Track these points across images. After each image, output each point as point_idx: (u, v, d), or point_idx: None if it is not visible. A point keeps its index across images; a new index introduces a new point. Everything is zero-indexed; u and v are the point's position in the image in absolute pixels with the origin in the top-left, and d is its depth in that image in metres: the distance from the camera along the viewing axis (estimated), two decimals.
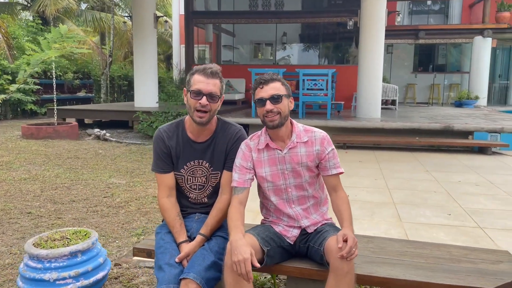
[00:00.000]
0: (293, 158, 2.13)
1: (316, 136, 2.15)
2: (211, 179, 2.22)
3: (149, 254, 2.31)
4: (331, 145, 2.17)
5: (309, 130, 2.18)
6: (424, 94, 16.78)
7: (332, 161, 2.14)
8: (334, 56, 16.25)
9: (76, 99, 14.59)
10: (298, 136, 2.14)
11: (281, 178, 2.15)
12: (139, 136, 8.98)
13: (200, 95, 2.04)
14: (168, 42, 21.18)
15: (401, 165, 6.55)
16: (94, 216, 3.99)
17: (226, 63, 16.07)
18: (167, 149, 2.19)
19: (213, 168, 2.21)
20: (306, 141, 2.14)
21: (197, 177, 2.22)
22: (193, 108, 2.07)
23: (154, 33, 10.38)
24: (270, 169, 2.15)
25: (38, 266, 2.34)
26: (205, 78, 2.05)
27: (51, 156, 6.79)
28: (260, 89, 2.07)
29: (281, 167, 2.14)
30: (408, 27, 15.47)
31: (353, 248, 1.85)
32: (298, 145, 2.13)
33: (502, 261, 2.23)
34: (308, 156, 2.13)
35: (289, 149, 2.13)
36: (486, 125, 8.13)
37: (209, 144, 2.20)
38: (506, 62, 16.35)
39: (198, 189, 2.24)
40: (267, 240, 2.04)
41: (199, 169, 2.21)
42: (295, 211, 2.17)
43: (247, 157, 2.15)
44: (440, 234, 3.57)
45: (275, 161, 2.14)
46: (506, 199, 4.67)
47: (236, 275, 1.83)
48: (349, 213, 2.08)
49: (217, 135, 2.21)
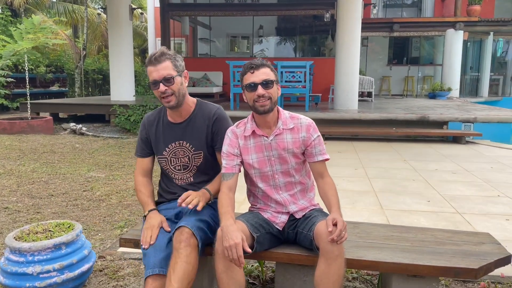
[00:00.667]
0: (279, 144, 2.14)
1: (302, 123, 2.17)
2: (195, 159, 2.25)
3: (136, 244, 2.27)
4: (317, 132, 2.18)
5: (295, 117, 2.19)
6: (398, 86, 17.06)
7: (318, 148, 2.15)
8: (311, 49, 16.33)
9: (49, 93, 14.21)
10: (284, 123, 2.15)
11: (267, 164, 2.16)
12: (116, 129, 8.83)
13: (157, 84, 2.08)
14: (143, 35, 20.85)
15: (379, 154, 6.65)
16: (75, 210, 3.91)
17: (203, 56, 15.94)
18: (147, 134, 2.29)
19: (194, 148, 2.24)
20: (292, 128, 2.15)
21: (179, 157, 2.26)
22: (159, 98, 2.13)
23: (130, 25, 10.20)
24: (256, 155, 2.16)
25: (20, 259, 2.28)
26: (154, 66, 2.08)
27: (26, 151, 6.60)
28: (250, 73, 2.05)
29: (268, 154, 2.15)
30: (383, 20, 15.66)
31: (343, 231, 1.87)
32: (284, 132, 2.14)
33: (484, 242, 2.29)
34: (294, 143, 2.14)
35: (275, 135, 2.14)
36: (460, 115, 8.33)
37: (187, 124, 2.25)
38: (477, 55, 16.76)
39: (183, 169, 2.27)
40: (256, 226, 2.04)
41: (181, 149, 2.25)
42: (283, 197, 2.18)
43: (234, 143, 2.16)
44: (421, 220, 3.65)
45: (262, 147, 2.15)
46: (481, 186, 4.81)
47: (227, 261, 1.83)
48: (337, 198, 2.10)
49: (195, 115, 2.26)
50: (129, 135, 8.35)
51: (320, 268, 1.92)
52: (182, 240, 1.90)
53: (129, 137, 8.18)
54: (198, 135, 2.23)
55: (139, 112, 8.62)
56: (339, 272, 1.90)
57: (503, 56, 17.86)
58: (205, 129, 2.23)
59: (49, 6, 17.05)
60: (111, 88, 10.34)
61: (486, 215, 3.78)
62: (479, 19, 14.45)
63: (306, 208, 2.21)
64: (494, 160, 6.28)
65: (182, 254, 1.88)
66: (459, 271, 2.00)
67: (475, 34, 15.52)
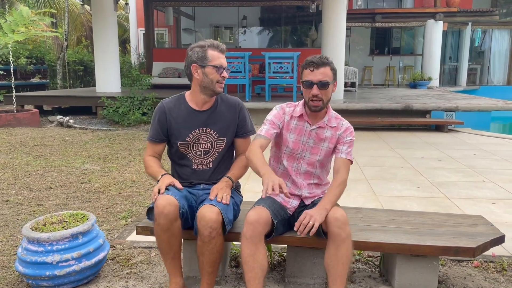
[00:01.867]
0: (318, 135, 2.28)
1: (343, 124, 2.31)
2: (217, 145, 2.37)
3: (152, 232, 2.36)
4: (352, 135, 2.31)
5: (339, 118, 2.34)
6: (380, 76, 17.33)
7: (345, 146, 2.27)
8: (295, 39, 16.41)
9: (30, 85, 13.96)
10: (330, 120, 2.30)
11: (300, 148, 2.30)
12: (104, 122, 8.80)
13: (222, 69, 2.24)
14: (123, 25, 20.56)
15: (367, 143, 6.84)
16: (76, 202, 3.96)
17: (186, 46, 15.75)
18: (167, 122, 2.34)
19: (219, 135, 2.35)
20: (334, 127, 2.30)
21: (202, 143, 2.36)
22: (215, 81, 2.26)
23: (115, 16, 10.10)
24: (294, 136, 2.30)
25: (39, 249, 2.35)
26: (222, 54, 2.27)
27: (16, 144, 6.56)
28: (310, 71, 2.17)
29: (304, 139, 2.30)
30: (365, 10, 15.85)
31: (307, 222, 1.99)
32: (326, 127, 2.29)
33: (478, 224, 2.47)
34: (331, 139, 2.29)
35: (318, 127, 2.28)
36: (442, 104, 8.60)
37: (213, 111, 2.36)
38: (456, 45, 17.14)
39: (204, 155, 2.37)
40: (275, 213, 2.16)
41: (204, 136, 2.35)
42: (299, 180, 2.32)
43: (279, 116, 2.29)
44: (413, 205, 3.83)
45: (302, 131, 2.29)
46: (466, 171, 5.04)
47: (253, 246, 1.97)
48: (333, 192, 2.17)
49: (219, 104, 2.38)
50: (117, 127, 8.34)
51: (330, 251, 2.06)
52: (209, 227, 2.03)
53: (117, 129, 8.17)
54: (224, 123, 2.35)
55: (127, 104, 8.61)
56: (347, 253, 2.04)
57: (480, 46, 18.31)
58: (230, 117, 2.37)
59: None
60: (96, 79, 10.24)
61: (474, 199, 3.99)
62: (458, 9, 14.78)
63: (316, 196, 2.34)
64: (476, 147, 6.54)
65: (211, 244, 2.07)
66: (458, 250, 2.16)
67: (454, 24, 15.87)
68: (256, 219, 2.01)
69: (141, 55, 16.18)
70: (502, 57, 17.79)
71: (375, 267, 2.69)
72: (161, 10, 14.89)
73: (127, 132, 7.83)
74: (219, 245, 2.09)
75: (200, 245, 2.09)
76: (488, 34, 17.76)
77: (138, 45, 17.26)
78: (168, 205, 2.05)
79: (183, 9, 15.63)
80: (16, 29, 6.76)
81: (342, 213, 2.05)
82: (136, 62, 15.72)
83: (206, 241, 2.06)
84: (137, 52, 16.62)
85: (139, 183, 4.58)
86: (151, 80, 9.65)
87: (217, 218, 2.05)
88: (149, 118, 8.54)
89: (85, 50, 17.95)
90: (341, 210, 2.09)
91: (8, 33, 6.78)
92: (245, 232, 2.00)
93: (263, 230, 2.03)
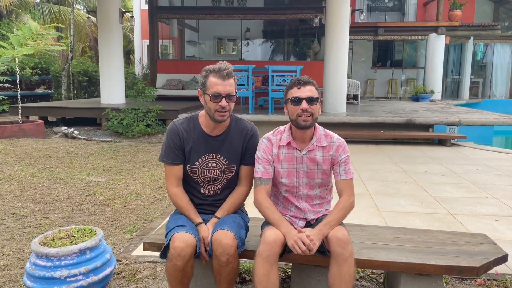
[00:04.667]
0: (310, 160, 2.25)
1: (334, 142, 2.26)
2: (227, 172, 2.34)
3: (159, 248, 2.40)
4: (346, 152, 2.27)
5: (329, 135, 2.28)
6: (383, 88, 17.42)
7: (342, 167, 2.25)
8: (297, 52, 16.54)
9: (35, 96, 14.08)
10: (318, 139, 2.25)
11: (295, 176, 2.27)
12: (108, 133, 8.86)
13: (219, 97, 2.14)
14: (127, 37, 20.76)
15: (370, 157, 6.87)
16: (81, 215, 3.99)
17: (190, 58, 16.00)
18: (182, 142, 2.29)
19: (228, 162, 2.32)
20: (325, 146, 2.25)
21: (210, 169, 2.32)
22: (213, 110, 2.18)
23: (120, 28, 10.23)
24: (287, 166, 2.27)
25: (47, 264, 2.38)
26: (222, 80, 2.14)
27: (21, 155, 6.61)
28: (297, 88, 2.17)
29: (297, 167, 2.26)
30: (368, 24, 15.97)
31: (299, 246, 2.05)
32: (316, 149, 2.25)
33: (481, 243, 2.49)
34: (324, 160, 2.25)
35: (308, 151, 2.24)
36: (445, 118, 8.63)
37: (224, 137, 2.31)
38: (458, 58, 17.25)
39: (212, 181, 2.34)
40: None
41: (213, 162, 2.31)
42: (303, 205, 2.32)
43: (268, 150, 2.27)
44: (416, 221, 3.85)
45: (293, 159, 2.26)
46: (469, 187, 5.06)
47: (268, 265, 2.01)
48: (334, 217, 2.17)
49: (232, 129, 2.33)
50: (121, 139, 8.40)
51: (333, 270, 2.08)
52: (226, 254, 2.06)
53: (121, 141, 8.23)
54: (234, 149, 2.31)
55: (132, 115, 8.67)
56: (350, 272, 2.06)
57: (482, 60, 18.40)
58: (240, 144, 2.32)
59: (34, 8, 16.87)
60: (101, 91, 10.33)
61: (477, 216, 4.01)
62: (460, 23, 14.89)
63: (320, 213, 2.36)
64: (479, 162, 6.56)
65: (228, 268, 2.10)
66: (462, 269, 2.18)
67: (456, 38, 15.98)
68: (274, 240, 2.05)
69: (145, 66, 16.32)
70: (504, 71, 17.87)
71: (379, 285, 2.71)
72: (166, 22, 15.06)
73: (131, 144, 7.88)
74: (236, 267, 2.13)
75: (217, 268, 2.12)
76: (490, 47, 17.87)
77: (142, 57, 17.43)
78: (186, 247, 2.04)
79: (187, 22, 15.81)
80: (24, 42, 6.86)
81: (344, 233, 2.07)
82: (140, 74, 15.86)
83: (224, 266, 2.09)
84: (141, 64, 16.76)
85: (144, 196, 4.62)
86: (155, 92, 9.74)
87: (233, 243, 2.07)
88: (153, 130, 8.61)
89: (89, 60, 18.10)
90: (343, 229, 2.11)
91: (17, 46, 6.88)
92: (262, 251, 2.03)
93: (279, 251, 2.07)
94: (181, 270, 2.07)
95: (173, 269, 2.07)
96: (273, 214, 2.18)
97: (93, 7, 18.15)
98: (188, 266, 2.09)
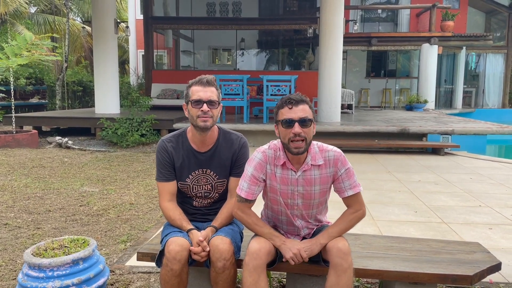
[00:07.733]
0: (306, 181, 2.11)
1: (329, 156, 2.11)
2: (218, 187, 2.35)
3: (153, 258, 2.39)
4: (346, 164, 2.12)
5: (324, 150, 2.12)
6: (377, 98, 17.53)
7: (347, 182, 2.13)
8: (292, 61, 16.65)
9: (29, 105, 14.04)
10: (313, 158, 2.10)
11: (290, 197, 2.15)
12: (102, 143, 8.84)
13: (201, 103, 2.17)
14: (122, 46, 20.82)
15: (364, 166, 6.89)
16: (75, 225, 3.97)
17: (185, 68, 16.05)
18: (171, 159, 2.30)
19: (218, 177, 2.32)
20: (321, 165, 2.10)
21: (201, 185, 2.33)
22: (195, 116, 2.19)
23: (115, 39, 10.25)
24: (281, 186, 2.14)
25: (40, 275, 2.35)
26: (202, 87, 2.19)
27: (14, 165, 6.57)
28: (288, 109, 1.99)
29: (292, 188, 2.13)
30: (362, 34, 16.11)
31: (296, 257, 2.06)
32: (312, 168, 2.10)
33: (475, 251, 2.50)
34: (322, 179, 2.12)
35: (303, 171, 2.10)
36: (439, 127, 8.69)
37: (213, 153, 2.31)
38: (451, 68, 17.41)
39: (204, 196, 2.36)
40: None
41: (204, 177, 2.32)
42: (298, 223, 2.26)
43: (261, 168, 2.11)
44: (411, 230, 3.86)
45: (287, 181, 2.12)
46: (463, 196, 5.08)
47: (256, 275, 1.99)
48: (337, 228, 2.14)
49: (220, 144, 2.33)
50: (116, 148, 8.38)
51: (331, 281, 2.04)
52: (223, 259, 2.05)
53: (116, 150, 8.21)
54: (223, 164, 2.31)
55: (126, 125, 8.66)
56: (348, 283, 2.03)
57: (475, 69, 18.59)
58: (229, 157, 2.31)
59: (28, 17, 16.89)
60: (95, 101, 10.31)
61: (471, 225, 4.03)
62: (452, 34, 15.05)
63: (315, 226, 2.35)
64: (472, 171, 6.60)
65: (225, 275, 2.08)
66: (456, 278, 2.19)
67: (449, 48, 16.14)
68: (257, 250, 2.02)
69: (140, 76, 16.34)
70: (497, 80, 18.05)
71: None
72: (161, 32, 15.12)
73: (126, 154, 7.86)
74: (232, 274, 2.11)
75: (214, 276, 2.10)
76: (482, 57, 18.07)
77: (137, 66, 17.45)
78: (181, 250, 2.03)
79: (182, 32, 15.88)
80: (19, 53, 6.86)
81: (345, 243, 2.05)
82: (135, 83, 15.87)
83: (220, 272, 2.07)
84: (136, 74, 16.78)
85: (138, 205, 4.60)
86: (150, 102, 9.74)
87: (230, 249, 2.07)
88: (147, 139, 8.59)
89: (84, 70, 18.10)
90: (343, 240, 2.09)
91: (11, 56, 6.87)
92: (248, 262, 2.01)
93: (266, 260, 2.03)
94: (177, 275, 2.06)
95: (169, 275, 2.06)
96: (262, 229, 2.13)
97: (88, 17, 18.22)
98: (183, 272, 2.08)
